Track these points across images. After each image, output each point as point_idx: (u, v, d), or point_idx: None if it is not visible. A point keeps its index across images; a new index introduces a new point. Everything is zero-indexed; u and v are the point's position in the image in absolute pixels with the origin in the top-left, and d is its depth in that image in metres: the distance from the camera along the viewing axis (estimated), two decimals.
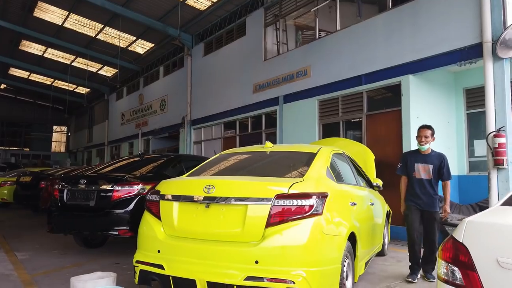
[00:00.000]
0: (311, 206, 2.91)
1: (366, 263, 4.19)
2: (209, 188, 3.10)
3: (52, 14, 15.96)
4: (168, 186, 3.45)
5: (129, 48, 17.98)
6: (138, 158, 6.82)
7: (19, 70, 24.44)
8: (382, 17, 8.19)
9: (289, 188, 2.97)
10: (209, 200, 3.06)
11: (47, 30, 17.15)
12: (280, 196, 2.92)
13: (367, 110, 8.28)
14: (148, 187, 5.37)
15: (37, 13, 15.96)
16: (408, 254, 4.67)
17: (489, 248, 1.65)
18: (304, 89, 9.80)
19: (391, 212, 6.04)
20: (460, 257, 1.76)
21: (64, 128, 35.35)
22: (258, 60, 11.62)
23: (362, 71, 8.31)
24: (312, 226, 2.87)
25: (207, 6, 13.36)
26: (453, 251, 1.80)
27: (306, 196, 2.94)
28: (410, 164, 4.59)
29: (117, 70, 20.10)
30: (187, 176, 3.91)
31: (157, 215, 3.33)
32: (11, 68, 24.28)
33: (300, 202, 2.91)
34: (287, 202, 2.91)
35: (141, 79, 19.84)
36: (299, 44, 11.10)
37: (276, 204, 2.90)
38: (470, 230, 1.78)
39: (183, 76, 15.51)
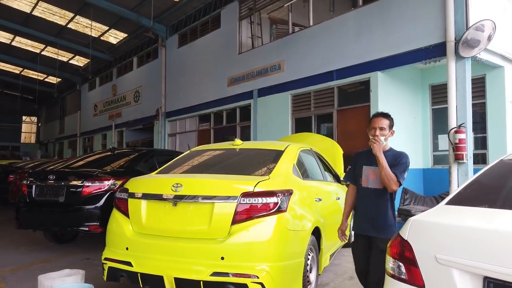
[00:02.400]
0: (275, 204, 3.03)
1: (332, 255, 4.37)
2: (177, 187, 3.17)
3: (20, 2, 15.38)
4: (137, 184, 3.49)
5: (102, 38, 17.57)
6: (109, 153, 6.77)
7: None
8: (353, 14, 8.36)
9: (255, 187, 3.07)
10: (177, 199, 3.13)
11: (15, 17, 16.52)
12: (245, 194, 3.02)
13: (338, 105, 8.48)
14: (119, 182, 5.36)
15: (4, 1, 15.33)
16: None
17: (429, 245, 1.80)
18: (278, 84, 9.92)
19: None
20: (405, 253, 1.91)
21: (34, 119, 34.28)
22: (233, 53, 11.63)
23: (334, 67, 8.48)
24: (276, 222, 2.99)
25: None
26: (399, 247, 1.95)
27: (271, 194, 3.06)
28: (357, 168, 3.15)
29: (89, 60, 19.61)
30: (157, 173, 3.95)
31: (126, 213, 3.37)
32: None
33: (265, 200, 3.02)
34: (252, 200, 3.01)
35: (114, 70, 19.45)
36: (273, 38, 11.18)
37: (242, 202, 3.00)
38: (414, 228, 1.93)
39: (158, 67, 15.33)
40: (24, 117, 34.25)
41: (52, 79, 25.25)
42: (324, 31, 8.93)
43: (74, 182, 5.29)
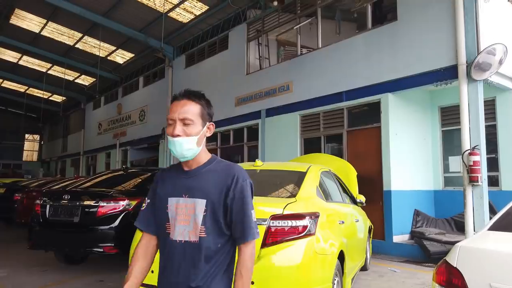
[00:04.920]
0: (304, 227, 3.00)
1: (352, 279, 4.31)
2: None
3: (29, 22, 15.63)
4: None
5: (109, 58, 17.77)
6: (122, 172, 6.76)
7: None
8: (362, 36, 8.49)
9: (284, 209, 3.05)
10: None
11: (24, 37, 16.75)
12: (275, 217, 3.00)
13: (347, 126, 8.51)
14: (134, 202, 5.34)
15: (14, 20, 15.59)
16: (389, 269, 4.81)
17: (482, 273, 1.78)
18: (286, 104, 9.98)
19: (372, 227, 6.22)
20: (454, 280, 1.88)
21: (37, 137, 34.30)
22: (241, 74, 11.75)
23: (343, 88, 8.56)
24: (306, 246, 2.96)
25: (189, 19, 13.44)
26: (446, 274, 1.93)
27: (300, 216, 3.03)
28: (159, 202, 1.67)
29: (95, 79, 19.79)
30: None
31: None
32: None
33: (294, 223, 3.00)
34: (282, 223, 2.99)
35: (120, 89, 19.60)
36: (281, 60, 11.32)
37: (271, 225, 2.97)
38: (463, 255, 1.91)
39: (164, 87, 15.45)
40: (27, 135, 34.28)
41: (57, 98, 25.41)
42: (332, 53, 9.05)
43: (89, 202, 5.25)
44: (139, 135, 16.96)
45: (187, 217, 1.59)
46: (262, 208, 3.12)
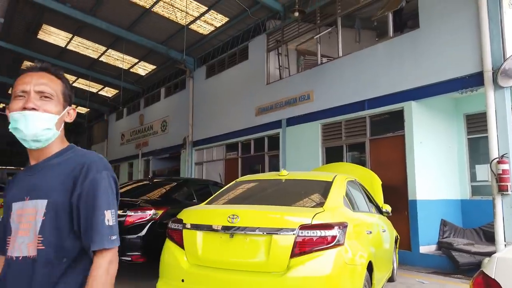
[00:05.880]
0: (333, 237, 3.00)
1: None
2: (233, 218, 3.19)
3: (56, 37, 16.19)
4: (191, 215, 3.53)
5: (131, 70, 18.21)
6: (147, 182, 6.89)
7: None
8: (384, 44, 8.46)
9: (312, 219, 3.07)
10: (234, 230, 3.14)
11: (50, 51, 17.36)
12: (304, 227, 3.01)
13: (370, 134, 8.45)
14: (160, 212, 5.44)
15: (41, 35, 16.19)
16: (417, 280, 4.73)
17: None
18: (307, 113, 9.99)
19: (399, 237, 6.13)
20: None
21: None
22: (261, 83, 11.85)
23: (365, 97, 8.52)
24: (335, 256, 2.96)
25: (210, 31, 13.67)
26: (484, 286, 1.90)
27: (329, 226, 3.04)
28: (6, 211, 1.34)
29: (118, 91, 20.28)
30: (206, 204, 3.99)
31: (180, 244, 3.39)
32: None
33: (323, 232, 3.00)
34: (310, 233, 3.00)
35: (141, 100, 20.02)
36: (301, 69, 11.37)
37: (300, 234, 2.99)
38: (502, 266, 1.88)
39: (185, 97, 15.71)
40: None
41: (82, 109, 26.11)
42: (353, 61, 9.04)
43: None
44: (160, 145, 17.24)
45: (28, 226, 1.22)
46: (290, 218, 3.15)
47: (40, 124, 1.21)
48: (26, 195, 1.25)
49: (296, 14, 9.01)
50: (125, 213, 5.30)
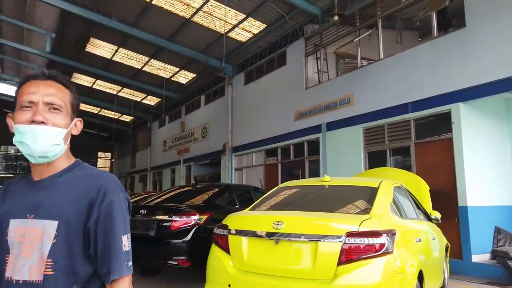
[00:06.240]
0: (382, 245, 2.93)
1: None
2: (277, 224, 3.20)
3: (102, 49, 17.06)
4: (236, 221, 3.58)
5: (172, 79, 18.78)
6: (190, 188, 7.06)
7: None
8: (428, 45, 8.18)
9: (359, 226, 3.01)
10: (279, 237, 3.15)
11: (97, 63, 18.29)
12: (350, 234, 2.97)
13: (415, 138, 8.17)
14: (204, 217, 5.54)
15: (89, 48, 17.11)
16: None
17: None
18: (348, 117, 9.83)
19: (449, 245, 5.86)
20: None
21: (108, 154, 36.91)
22: (299, 88, 11.81)
23: (409, 99, 8.26)
24: (384, 265, 2.88)
25: (248, 38, 13.84)
26: None
27: (377, 234, 2.97)
28: (0, 226, 1.21)
29: (160, 99, 20.98)
30: (250, 210, 4.03)
31: (226, 249, 3.45)
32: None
33: (371, 240, 2.94)
34: (358, 240, 2.95)
35: (183, 108, 20.57)
36: (341, 73, 11.22)
37: (347, 242, 2.94)
38: None
39: (224, 104, 15.96)
40: (99, 153, 37.05)
41: (126, 118, 27.24)
42: (395, 63, 8.80)
43: (163, 217, 5.54)
44: (201, 151, 17.60)
45: (31, 247, 1.14)
46: (336, 225, 3.11)
47: (49, 140, 1.14)
48: (30, 213, 1.15)
49: (336, 18, 8.91)
50: (171, 218, 5.46)
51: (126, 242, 1.17)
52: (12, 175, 32.00)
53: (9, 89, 24.94)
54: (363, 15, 10.04)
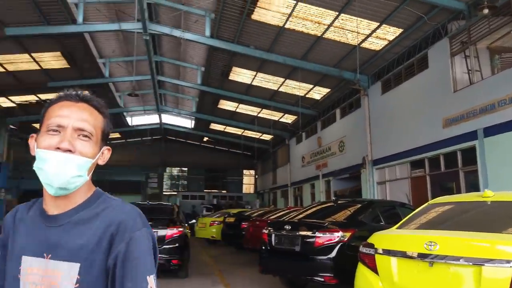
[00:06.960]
0: None
1: None
2: (430, 245, 2.96)
3: (243, 76, 18.63)
4: (383, 240, 3.45)
5: (307, 96, 19.24)
6: (332, 204, 7.06)
7: (217, 125, 29.04)
8: None
9: None
10: (433, 259, 2.91)
11: (239, 89, 20.03)
12: None
13: None
14: (347, 234, 5.46)
15: (232, 77, 18.89)
16: None
17: None
18: (511, 120, 8.46)
19: None
20: None
21: (252, 172, 39.64)
22: (446, 92, 10.72)
23: None
24: None
25: (382, 46, 13.30)
26: None
27: None
28: (9, 260, 1.11)
29: (296, 117, 21.67)
30: (397, 228, 3.82)
31: (374, 269, 3.34)
32: (212, 124, 29.12)
33: None
34: None
35: (318, 123, 20.80)
36: (497, 70, 9.79)
37: None
38: None
39: (361, 116, 15.54)
40: (244, 171, 40.10)
41: (266, 137, 28.93)
42: None
43: (307, 233, 5.67)
44: (339, 166, 17.41)
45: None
46: (503, 248, 2.72)
47: (72, 171, 1.01)
48: (46, 252, 1.03)
49: (486, 11, 7.89)
50: (314, 234, 5.54)
51: (152, 284, 1.00)
52: None
53: (169, 119, 29.38)
54: None
